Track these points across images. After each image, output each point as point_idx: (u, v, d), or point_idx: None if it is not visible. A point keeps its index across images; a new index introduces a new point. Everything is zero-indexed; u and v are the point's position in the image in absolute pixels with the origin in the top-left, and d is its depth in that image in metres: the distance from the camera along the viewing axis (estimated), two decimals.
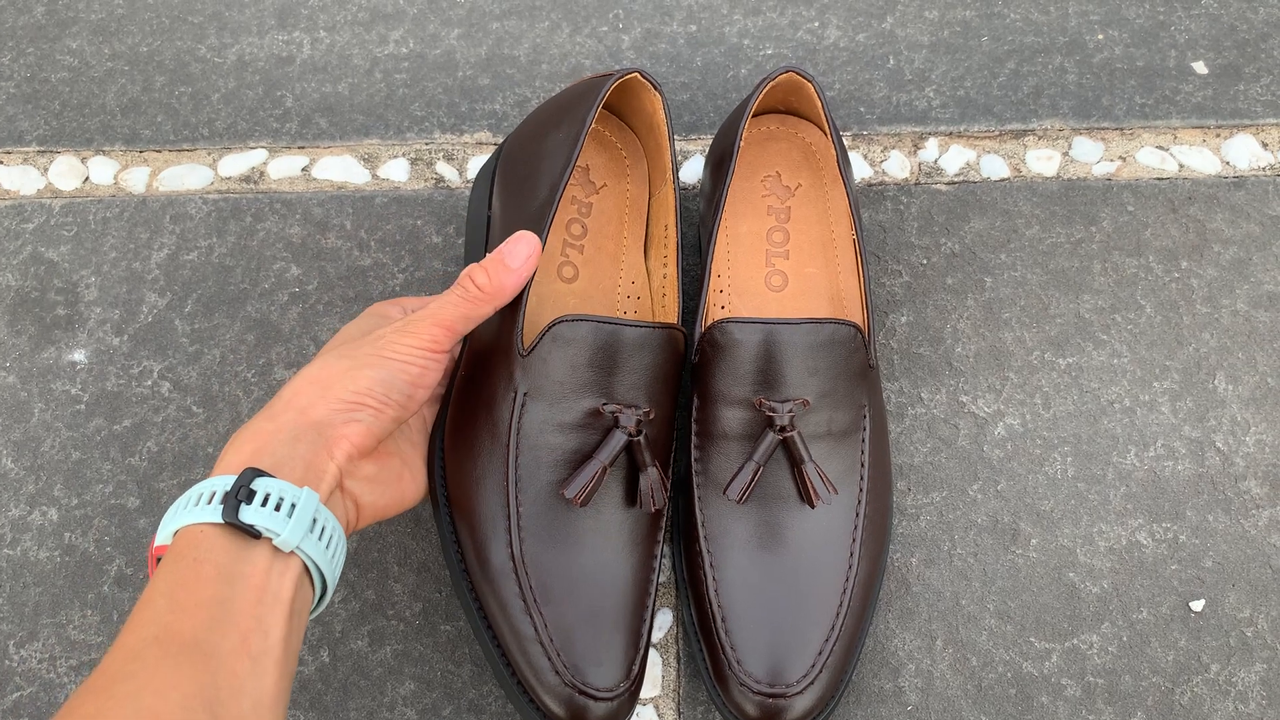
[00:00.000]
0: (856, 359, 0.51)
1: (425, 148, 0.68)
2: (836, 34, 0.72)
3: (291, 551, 0.42)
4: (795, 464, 0.50)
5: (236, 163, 0.68)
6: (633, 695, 0.48)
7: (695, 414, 0.52)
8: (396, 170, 0.67)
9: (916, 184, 0.66)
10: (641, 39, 0.72)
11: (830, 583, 0.50)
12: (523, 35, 0.72)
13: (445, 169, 0.67)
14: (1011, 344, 0.61)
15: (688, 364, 0.53)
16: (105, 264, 0.64)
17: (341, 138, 0.68)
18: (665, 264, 0.58)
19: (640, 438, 0.49)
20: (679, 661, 0.54)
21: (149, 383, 0.61)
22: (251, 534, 0.41)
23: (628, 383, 0.49)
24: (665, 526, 0.52)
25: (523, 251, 0.50)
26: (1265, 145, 0.67)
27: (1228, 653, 0.54)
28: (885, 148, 0.68)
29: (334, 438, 0.45)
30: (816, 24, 0.72)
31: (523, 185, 0.55)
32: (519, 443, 0.49)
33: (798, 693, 0.47)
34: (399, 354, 0.47)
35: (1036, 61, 0.70)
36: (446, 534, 0.50)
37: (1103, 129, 0.68)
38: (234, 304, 0.63)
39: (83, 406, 0.60)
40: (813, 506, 0.50)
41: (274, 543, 0.41)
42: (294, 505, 0.42)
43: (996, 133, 0.68)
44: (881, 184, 0.66)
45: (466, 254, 0.60)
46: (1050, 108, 0.69)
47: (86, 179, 0.67)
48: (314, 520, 0.42)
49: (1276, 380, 0.60)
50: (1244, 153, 0.67)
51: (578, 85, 0.58)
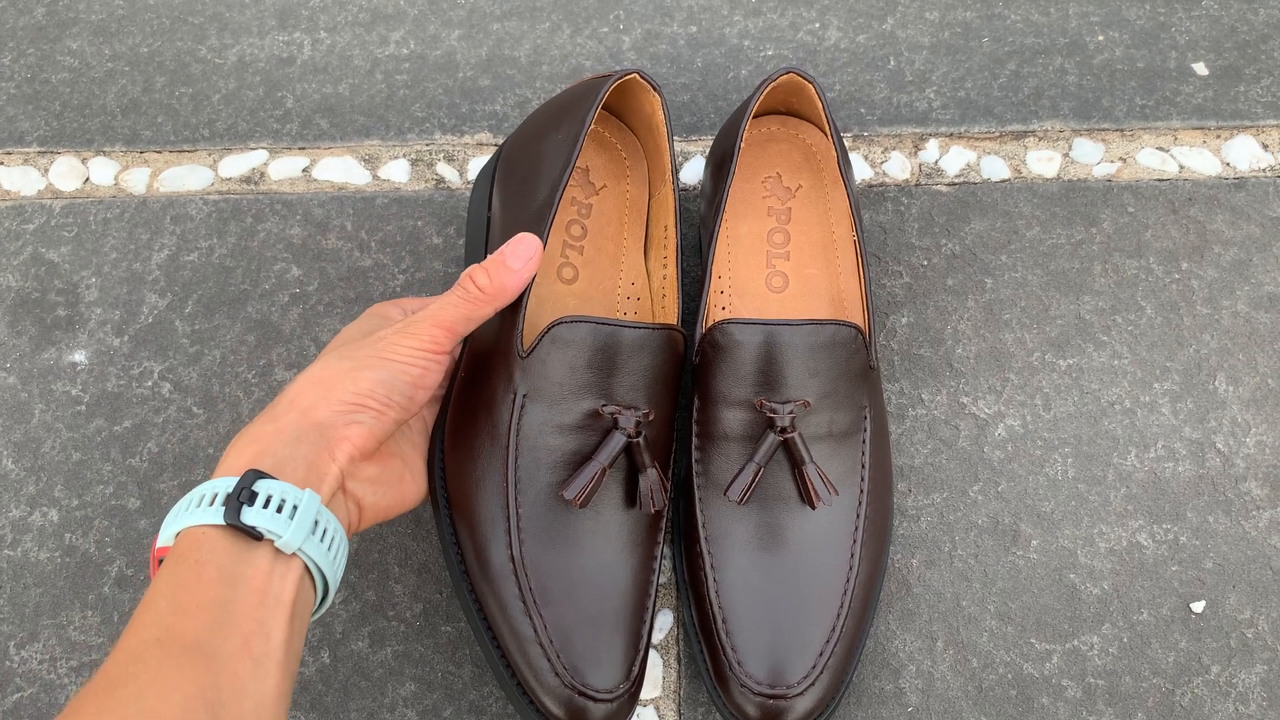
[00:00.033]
0: (857, 360, 0.51)
1: (426, 149, 0.68)
2: (837, 35, 0.72)
3: (293, 553, 0.42)
4: (796, 465, 0.50)
5: (237, 163, 0.68)
6: (632, 696, 0.48)
7: (696, 415, 0.52)
8: (397, 171, 0.67)
9: (917, 185, 0.66)
10: (642, 40, 0.72)
11: (831, 584, 0.50)
12: (523, 36, 0.72)
13: (446, 170, 0.67)
14: (1012, 345, 0.61)
15: (688, 365, 0.53)
16: (106, 265, 0.64)
17: (342, 138, 0.68)
18: (665, 265, 0.58)
19: (639, 439, 0.49)
20: (679, 662, 0.54)
21: (149, 383, 0.61)
22: (253, 536, 0.41)
23: (627, 384, 0.49)
24: (665, 528, 0.52)
25: (524, 253, 0.50)
26: (1266, 146, 0.67)
27: (1228, 654, 0.54)
28: (886, 149, 0.68)
29: (336, 439, 0.45)
30: (817, 25, 0.72)
31: (522, 186, 0.55)
32: (518, 444, 0.49)
33: (798, 694, 0.47)
34: (400, 355, 0.47)
35: (1037, 63, 0.70)
36: (446, 535, 0.50)
37: (1103, 130, 0.68)
38: (234, 305, 0.63)
39: (83, 407, 0.60)
40: (813, 508, 0.50)
41: (276, 544, 0.41)
42: (296, 507, 0.42)
43: (997, 134, 0.68)
44: (882, 185, 0.66)
45: (467, 255, 0.60)
46: (1051, 109, 0.69)
47: (87, 180, 0.67)
48: (316, 522, 0.42)
49: (1277, 381, 0.60)
50: (1244, 154, 0.67)
51: (577, 86, 0.58)
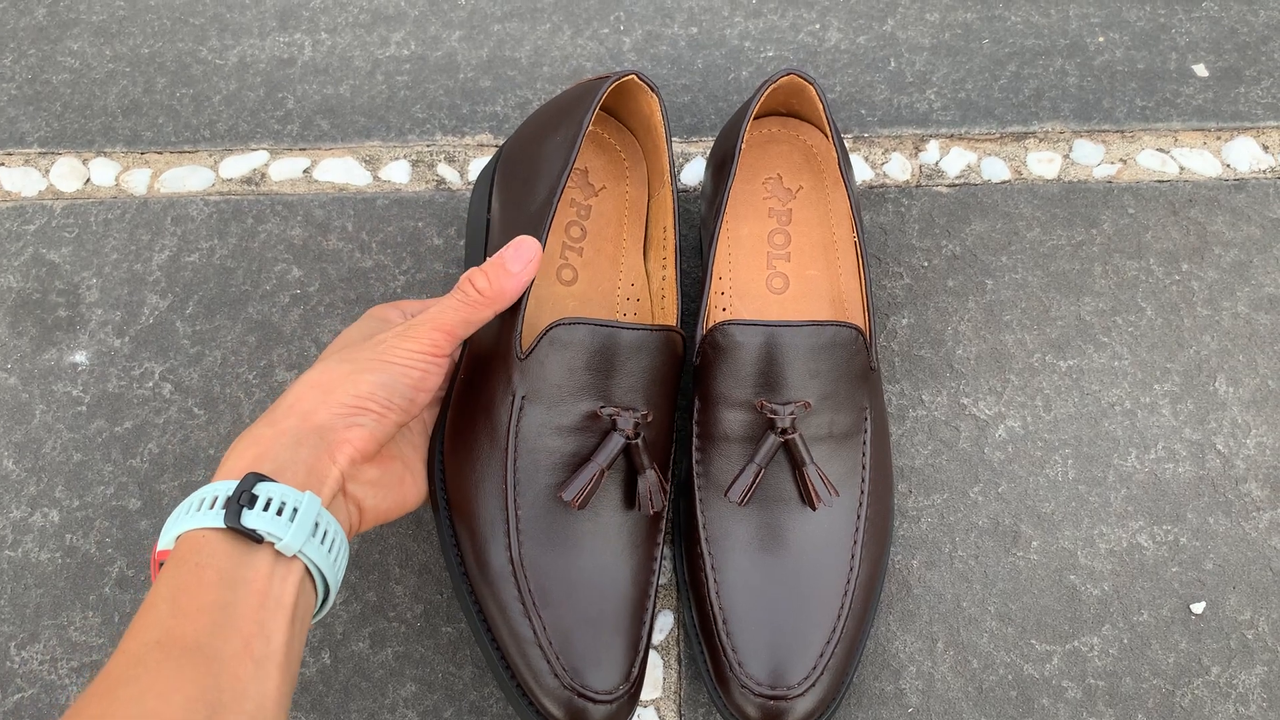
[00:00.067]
0: (858, 361, 0.51)
1: (426, 149, 0.68)
2: (837, 36, 0.72)
3: (294, 556, 0.42)
4: (796, 466, 0.50)
5: (238, 164, 0.68)
6: (632, 698, 0.48)
7: (696, 416, 0.52)
8: (398, 172, 0.67)
9: (917, 186, 0.67)
10: (642, 41, 0.72)
11: (831, 585, 0.50)
12: (524, 37, 0.72)
13: (446, 171, 0.67)
14: (1012, 346, 0.61)
15: (688, 366, 0.53)
16: (106, 265, 0.64)
17: (343, 139, 0.68)
18: (664, 266, 0.58)
19: (638, 440, 0.49)
20: (680, 663, 0.54)
21: (150, 384, 0.61)
22: (254, 538, 0.41)
23: (625, 385, 0.49)
24: (665, 529, 0.52)
25: (523, 255, 0.50)
26: (1266, 148, 0.67)
27: (1228, 655, 0.54)
28: (886, 150, 0.68)
29: (336, 442, 0.45)
30: (817, 26, 0.72)
31: (521, 188, 0.55)
32: (517, 446, 0.49)
33: (799, 695, 0.47)
34: (400, 358, 0.47)
35: (1037, 64, 0.71)
36: (446, 537, 0.50)
37: (1103, 131, 0.68)
38: (235, 306, 0.63)
39: (84, 408, 0.60)
40: (814, 509, 0.50)
41: (276, 547, 0.41)
42: (296, 510, 0.42)
43: (997, 135, 0.68)
44: (883, 186, 0.67)
45: (467, 257, 0.60)
46: (1051, 110, 0.69)
47: (88, 180, 0.67)
48: (316, 524, 0.42)
49: (1277, 383, 0.60)
50: (1244, 155, 0.67)
51: (575, 88, 0.58)
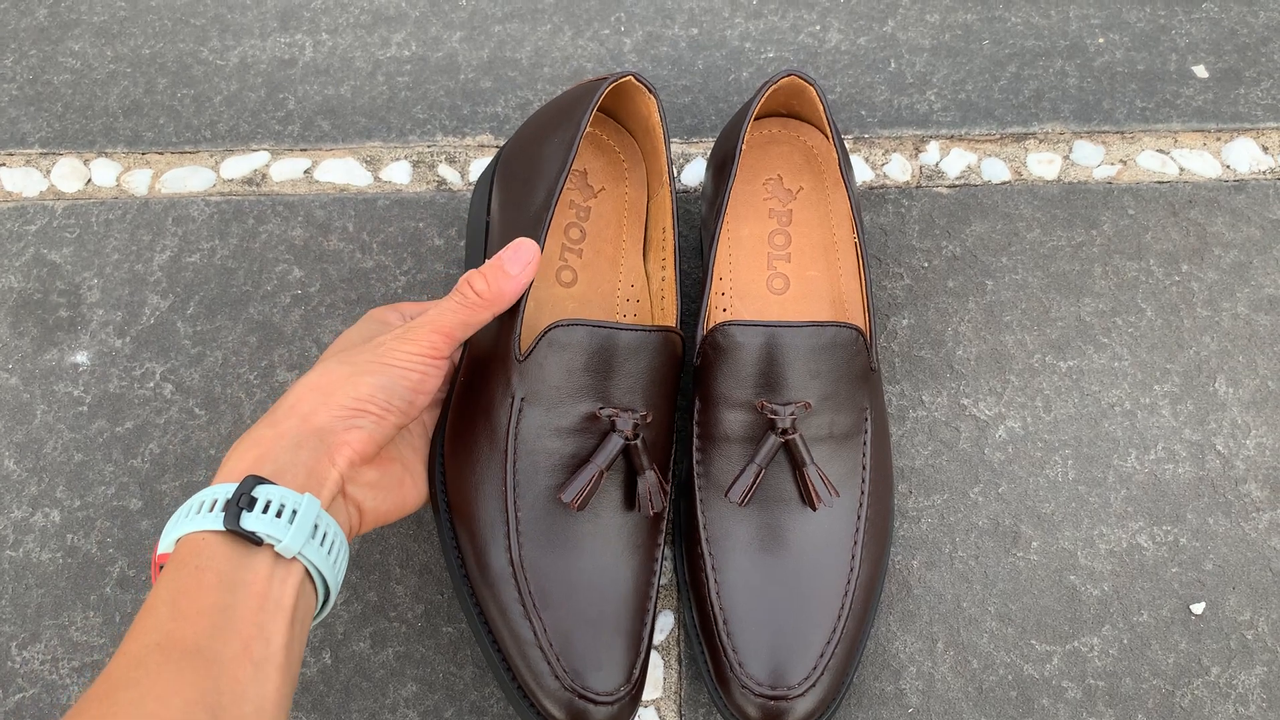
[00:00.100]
0: (858, 362, 0.51)
1: (427, 150, 0.68)
2: (838, 37, 0.72)
3: (293, 558, 0.42)
4: (797, 466, 0.50)
5: (239, 165, 0.68)
6: (634, 699, 0.48)
7: (697, 416, 0.52)
8: (398, 173, 0.67)
9: (918, 187, 0.67)
10: (643, 42, 0.72)
11: (832, 585, 0.50)
12: (524, 38, 0.72)
13: (447, 171, 0.67)
14: (1012, 347, 0.62)
15: (688, 367, 0.53)
16: (108, 266, 0.64)
17: (343, 140, 0.68)
18: (664, 267, 0.58)
19: (637, 441, 0.49)
20: (680, 663, 0.54)
21: (151, 384, 0.61)
22: (253, 541, 0.41)
23: (624, 386, 0.49)
24: (666, 529, 0.52)
25: (522, 258, 0.50)
26: (1266, 149, 0.67)
27: (1228, 655, 0.54)
28: (886, 151, 0.68)
29: (336, 444, 0.45)
30: (818, 27, 0.72)
31: (520, 190, 0.56)
32: (517, 448, 0.49)
33: (799, 695, 0.48)
34: (399, 361, 0.47)
35: (1037, 65, 0.71)
36: (447, 539, 0.50)
37: (1103, 132, 0.68)
38: (236, 306, 0.63)
39: (85, 408, 0.60)
40: (814, 509, 0.50)
41: (276, 549, 0.41)
42: (295, 512, 0.42)
43: (997, 136, 0.68)
44: (883, 187, 0.67)
45: (467, 258, 0.60)
46: (1051, 111, 0.69)
47: (89, 181, 0.68)
48: (315, 526, 0.42)
49: (1277, 384, 0.60)
50: (1244, 156, 0.67)
51: (573, 90, 0.58)
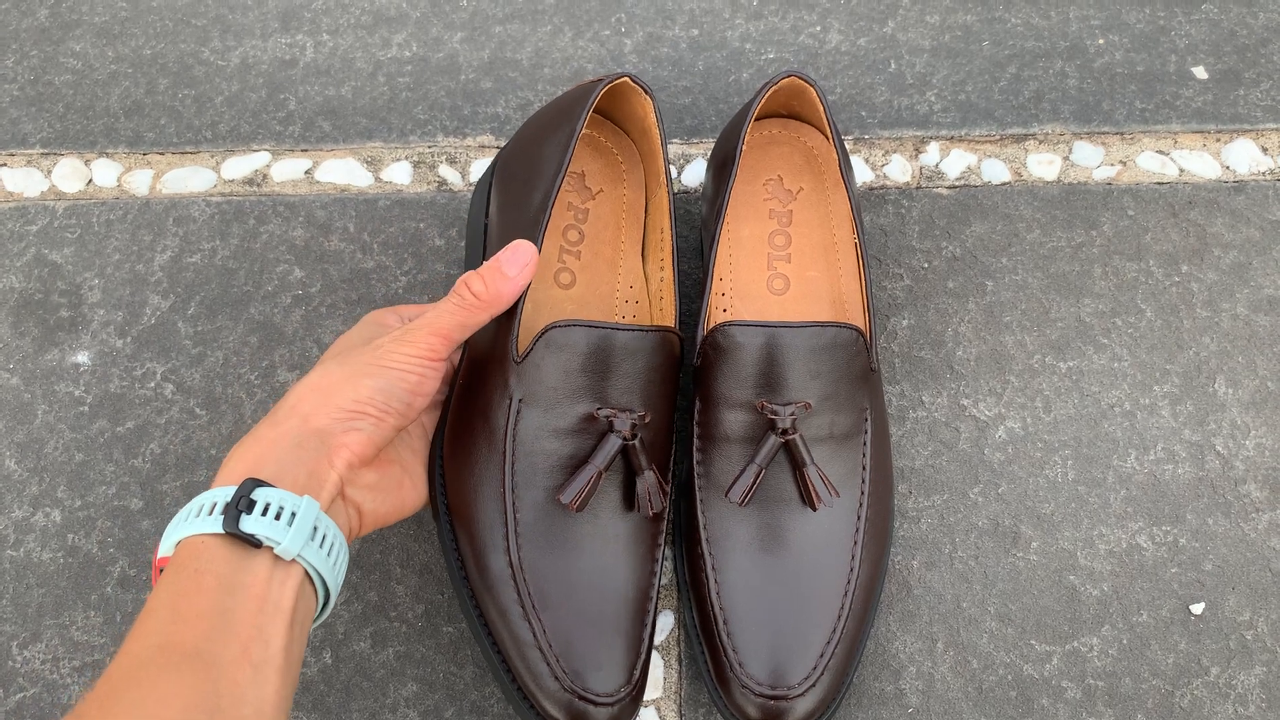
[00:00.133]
0: (858, 362, 0.51)
1: (428, 151, 0.68)
2: (838, 38, 0.72)
3: (293, 560, 0.42)
4: (797, 467, 0.50)
5: (239, 165, 0.68)
6: (634, 700, 0.48)
7: (697, 417, 0.52)
8: (399, 173, 0.68)
9: (918, 188, 0.67)
10: (643, 43, 0.72)
11: (832, 585, 0.50)
12: (525, 39, 0.72)
13: (448, 172, 0.68)
14: (1012, 347, 0.62)
15: (687, 367, 0.53)
16: (109, 266, 0.64)
17: (344, 140, 0.69)
18: (662, 267, 0.58)
19: (635, 441, 0.49)
20: (680, 663, 0.54)
21: (152, 385, 0.61)
22: (252, 543, 0.41)
23: (621, 386, 0.49)
24: (666, 530, 0.52)
25: (519, 259, 0.50)
26: (1265, 150, 0.67)
27: (1227, 656, 0.54)
28: (887, 152, 0.68)
29: (335, 446, 0.45)
30: (818, 28, 0.72)
31: (518, 192, 0.56)
32: (515, 450, 0.49)
33: (799, 695, 0.48)
34: (398, 363, 0.48)
35: (1037, 66, 0.71)
36: (446, 541, 0.50)
37: (1103, 133, 0.68)
38: (237, 306, 0.63)
39: (86, 408, 0.60)
40: (814, 509, 0.50)
41: (275, 551, 0.42)
42: (294, 514, 0.42)
43: (997, 137, 0.68)
44: (883, 188, 0.67)
45: (466, 260, 0.60)
46: (1051, 112, 0.69)
47: (90, 181, 0.68)
48: (315, 528, 0.43)
49: (1276, 384, 0.60)
50: (1244, 157, 0.67)
51: (570, 91, 0.58)
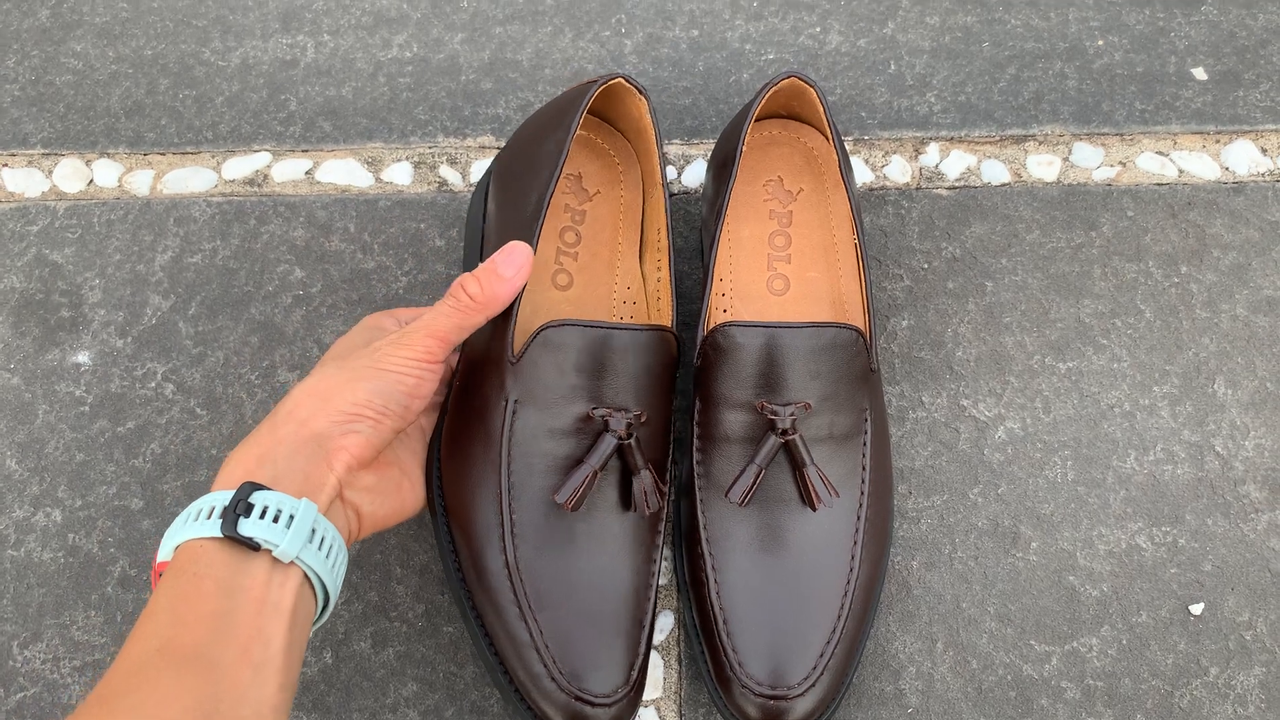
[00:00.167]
0: (858, 363, 0.51)
1: (428, 151, 0.68)
2: (838, 39, 0.72)
3: (291, 562, 0.42)
4: (797, 467, 0.50)
5: (240, 166, 0.68)
6: (633, 700, 0.48)
7: (697, 417, 0.52)
8: (400, 173, 0.68)
9: (918, 189, 0.67)
10: (644, 44, 0.72)
11: (831, 585, 0.50)
12: (525, 40, 0.72)
13: (448, 172, 0.68)
14: (1012, 348, 0.62)
15: (687, 367, 0.53)
16: (109, 266, 0.64)
17: (345, 141, 0.69)
18: (659, 267, 0.58)
19: (631, 441, 0.49)
20: (680, 663, 0.54)
21: (153, 385, 0.61)
22: (251, 546, 0.41)
23: (617, 386, 0.49)
24: (664, 529, 0.52)
25: (515, 260, 0.50)
26: (1264, 151, 0.68)
27: (1227, 656, 0.54)
28: (887, 152, 0.68)
29: (333, 449, 0.45)
30: (818, 29, 0.72)
31: (514, 193, 0.56)
32: (511, 450, 0.49)
33: (799, 695, 0.48)
34: (395, 366, 0.48)
35: (1037, 67, 0.71)
36: (444, 542, 0.50)
37: (1103, 134, 0.68)
38: (238, 306, 0.63)
39: (87, 408, 0.60)
40: (814, 509, 0.50)
41: (273, 554, 0.42)
42: (292, 517, 0.42)
43: (997, 138, 0.68)
44: (883, 189, 0.67)
45: (465, 262, 0.60)
46: (1051, 113, 0.69)
47: (91, 181, 0.68)
48: (313, 531, 0.43)
49: (1276, 385, 0.60)
50: (1243, 158, 0.67)
51: (565, 93, 0.58)
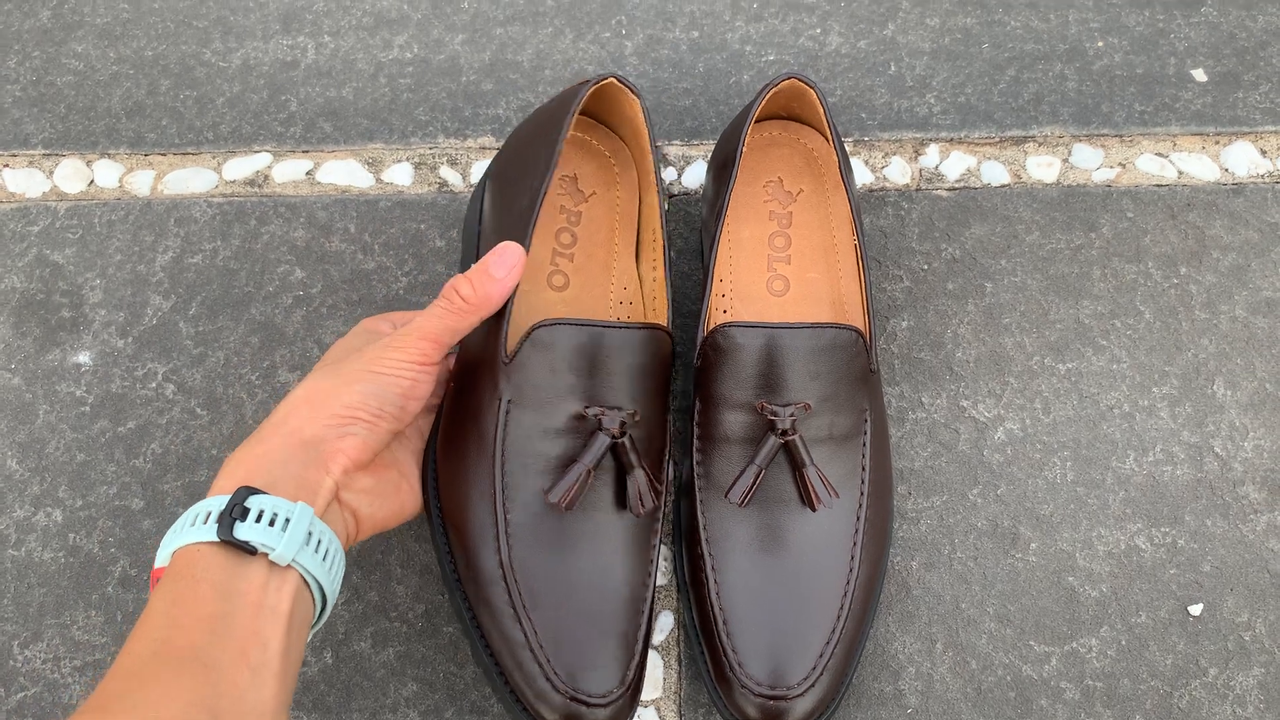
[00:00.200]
0: (858, 363, 0.51)
1: (429, 152, 0.68)
2: (838, 40, 0.72)
3: (288, 566, 0.42)
4: (797, 467, 0.50)
5: (241, 166, 0.68)
6: (630, 700, 0.48)
7: (697, 417, 0.52)
8: (400, 174, 0.68)
9: (917, 190, 0.67)
10: (644, 45, 0.72)
11: (831, 586, 0.50)
12: (526, 41, 0.72)
13: (449, 173, 0.68)
14: (1012, 349, 0.62)
15: (688, 368, 0.53)
16: (110, 267, 0.64)
17: (346, 142, 0.69)
18: (655, 267, 0.58)
19: (625, 439, 0.49)
20: (680, 664, 0.54)
21: (153, 385, 0.61)
22: (247, 550, 0.41)
23: (610, 384, 0.49)
24: (661, 529, 0.52)
25: (507, 261, 0.50)
26: (1264, 153, 0.68)
27: (1226, 657, 0.54)
28: (886, 154, 0.68)
29: (329, 452, 0.45)
30: (818, 30, 0.73)
31: (508, 195, 0.56)
32: (504, 451, 0.49)
33: (798, 695, 0.48)
34: (388, 368, 0.48)
35: (1037, 68, 0.71)
36: (440, 544, 0.50)
37: (1102, 136, 0.68)
38: (238, 307, 0.63)
39: (87, 408, 0.60)
40: (814, 510, 0.51)
41: (270, 558, 0.42)
42: (288, 520, 0.42)
43: (997, 139, 0.68)
44: (883, 190, 0.67)
45: (462, 263, 0.60)
46: (1050, 114, 0.69)
47: (92, 182, 0.68)
48: (309, 534, 0.43)
49: (1275, 386, 0.61)
50: (1243, 160, 0.67)
51: (560, 95, 0.58)
